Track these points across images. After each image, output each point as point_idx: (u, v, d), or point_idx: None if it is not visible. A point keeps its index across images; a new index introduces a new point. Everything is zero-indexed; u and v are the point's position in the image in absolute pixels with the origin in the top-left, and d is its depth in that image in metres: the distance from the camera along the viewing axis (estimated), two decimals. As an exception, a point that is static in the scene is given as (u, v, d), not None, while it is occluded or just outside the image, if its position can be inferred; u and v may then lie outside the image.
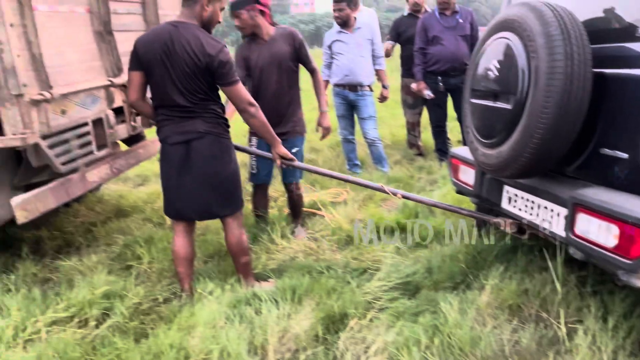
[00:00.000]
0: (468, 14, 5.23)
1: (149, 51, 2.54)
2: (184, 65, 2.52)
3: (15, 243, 3.69)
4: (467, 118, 2.76)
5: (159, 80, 2.58)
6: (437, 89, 5.22)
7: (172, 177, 2.73)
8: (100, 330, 2.45)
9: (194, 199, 2.74)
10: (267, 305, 2.62)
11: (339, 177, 3.26)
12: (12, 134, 2.44)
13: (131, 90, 2.67)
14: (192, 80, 2.57)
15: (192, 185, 2.71)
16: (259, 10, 3.36)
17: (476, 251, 3.05)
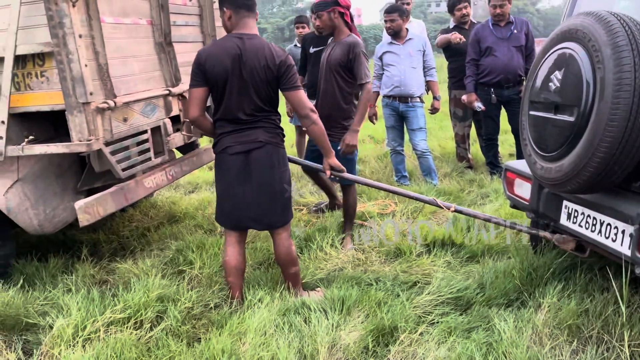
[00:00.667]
0: (524, 24, 5.11)
1: (218, 64, 2.57)
2: (255, 75, 2.61)
3: (74, 245, 3.85)
4: (525, 131, 2.69)
5: (227, 92, 2.63)
6: (489, 101, 5.12)
7: (231, 187, 2.75)
8: (155, 332, 2.50)
9: (254, 208, 2.77)
10: (316, 315, 2.62)
11: (390, 189, 3.25)
12: (79, 140, 2.55)
13: (193, 106, 2.66)
14: (263, 89, 2.66)
15: (252, 194, 2.74)
16: (339, 12, 3.47)
17: (532, 268, 2.95)
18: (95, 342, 2.37)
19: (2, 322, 2.60)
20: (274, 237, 2.92)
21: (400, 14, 4.94)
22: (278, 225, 2.87)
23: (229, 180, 2.75)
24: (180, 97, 3.34)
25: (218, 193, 2.85)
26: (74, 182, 3.11)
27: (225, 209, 2.82)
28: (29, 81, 2.58)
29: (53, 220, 2.99)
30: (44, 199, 2.93)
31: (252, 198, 2.75)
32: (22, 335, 2.60)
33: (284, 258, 2.91)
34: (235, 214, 2.80)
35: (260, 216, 2.80)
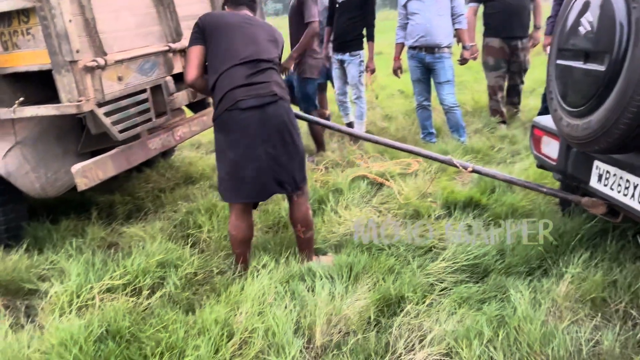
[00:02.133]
0: None
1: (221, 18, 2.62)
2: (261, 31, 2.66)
3: (90, 207, 3.83)
4: (551, 82, 2.40)
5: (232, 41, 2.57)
6: None
7: (251, 149, 2.50)
8: (152, 299, 2.44)
9: (282, 169, 2.57)
10: (321, 282, 2.49)
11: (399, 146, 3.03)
12: (68, 101, 2.44)
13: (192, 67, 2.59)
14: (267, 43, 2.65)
15: (276, 153, 2.55)
16: None
17: (557, 233, 2.71)
18: (91, 309, 2.33)
19: (6, 286, 2.60)
20: (293, 199, 2.73)
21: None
22: (302, 185, 2.70)
23: (248, 141, 2.49)
24: (182, 53, 3.17)
25: (231, 161, 2.52)
26: (76, 144, 3.03)
27: (246, 177, 2.52)
28: (16, 40, 2.46)
29: (56, 183, 2.94)
30: (44, 162, 2.87)
31: (277, 158, 2.54)
32: (25, 300, 2.60)
33: (301, 221, 2.75)
34: (259, 180, 2.54)
35: (288, 177, 2.60)
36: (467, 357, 1.96)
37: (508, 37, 5.08)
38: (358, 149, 4.84)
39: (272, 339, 2.09)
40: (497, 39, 5.12)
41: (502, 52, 5.15)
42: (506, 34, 5.08)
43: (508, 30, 5.06)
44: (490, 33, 5.17)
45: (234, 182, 2.56)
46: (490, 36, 5.17)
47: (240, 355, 2.04)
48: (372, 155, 4.63)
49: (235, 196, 2.59)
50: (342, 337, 2.20)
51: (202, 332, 2.12)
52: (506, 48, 5.13)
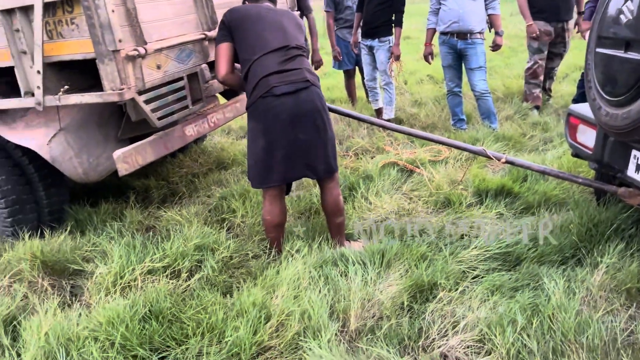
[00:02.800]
0: None
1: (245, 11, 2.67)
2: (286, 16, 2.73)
3: (127, 191, 3.95)
4: (590, 71, 2.37)
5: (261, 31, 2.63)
6: None
7: (284, 134, 2.56)
8: (191, 282, 2.53)
9: (312, 153, 2.63)
10: (353, 268, 2.54)
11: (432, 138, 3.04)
12: (111, 89, 2.51)
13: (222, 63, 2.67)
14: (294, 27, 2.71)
15: (308, 138, 2.60)
16: None
17: (592, 223, 2.70)
18: (134, 289, 2.43)
19: (51, 267, 2.72)
20: (324, 185, 2.79)
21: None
22: (333, 170, 2.76)
23: (281, 126, 2.55)
24: (218, 41, 3.21)
25: (263, 147, 2.58)
26: (116, 131, 3.12)
27: (276, 161, 2.58)
28: (61, 29, 2.54)
29: (97, 168, 3.04)
30: (87, 148, 2.96)
31: (309, 143, 2.60)
32: (70, 280, 2.72)
33: (332, 207, 2.81)
34: (290, 163, 2.60)
35: (319, 162, 2.65)
36: (501, 344, 1.99)
37: (554, 20, 4.98)
38: (387, 136, 4.84)
39: (308, 322, 2.16)
40: (542, 22, 5.00)
41: (547, 35, 5.04)
42: (552, 17, 4.97)
43: (554, 13, 4.95)
44: (535, 15, 5.04)
45: (264, 167, 2.62)
46: (535, 19, 5.05)
47: (277, 337, 2.11)
48: (401, 142, 4.64)
49: (265, 180, 2.65)
50: (375, 321, 2.25)
51: (240, 314, 2.20)
52: (551, 31, 5.02)
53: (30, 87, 2.69)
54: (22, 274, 2.64)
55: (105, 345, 2.02)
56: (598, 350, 1.91)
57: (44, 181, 3.13)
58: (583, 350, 1.91)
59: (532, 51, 5.21)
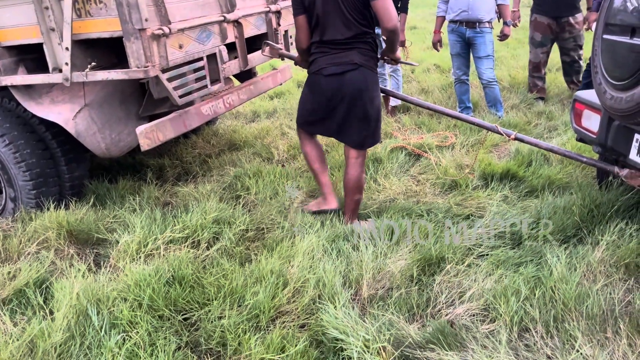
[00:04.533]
0: None
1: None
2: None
3: (142, 169, 4.08)
4: (596, 57, 2.47)
5: (321, 14, 2.75)
6: None
7: (322, 106, 2.92)
8: (210, 252, 2.65)
9: (341, 126, 2.92)
10: (364, 242, 2.66)
11: (447, 112, 3.17)
12: (136, 67, 2.62)
13: (302, 34, 2.86)
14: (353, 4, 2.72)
15: (343, 114, 2.88)
16: None
17: (594, 204, 2.81)
18: (156, 257, 2.56)
19: (76, 236, 2.85)
20: (349, 159, 2.98)
21: None
22: (363, 145, 2.95)
23: (321, 100, 2.91)
24: (235, 23, 3.32)
25: (307, 105, 3.01)
26: (137, 108, 3.24)
27: (312, 117, 3.01)
28: (89, 7, 2.64)
29: (119, 144, 3.16)
30: (109, 124, 3.08)
31: (342, 118, 2.89)
32: (93, 249, 2.85)
33: (353, 183, 2.98)
34: (322, 124, 3.01)
35: (347, 137, 2.94)
36: (505, 313, 2.11)
37: (552, 15, 5.05)
38: (396, 122, 4.95)
39: (322, 289, 2.28)
40: (544, 16, 5.09)
41: (550, 29, 5.11)
42: (551, 11, 5.05)
43: (553, 8, 5.02)
44: (538, 9, 5.14)
45: (303, 112, 3.07)
46: (538, 12, 5.14)
47: (294, 301, 2.23)
48: (409, 128, 4.74)
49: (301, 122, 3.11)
50: (386, 291, 2.37)
51: (259, 280, 2.32)
52: (554, 25, 5.09)
53: (58, 64, 2.80)
54: (49, 242, 2.77)
55: (134, 306, 2.15)
56: (597, 318, 2.03)
57: (66, 156, 3.26)
58: (582, 319, 2.03)
59: (534, 44, 5.29)
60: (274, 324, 2.15)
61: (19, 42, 2.88)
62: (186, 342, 2.09)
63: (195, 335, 2.11)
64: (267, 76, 4.22)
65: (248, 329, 2.08)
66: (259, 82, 4.10)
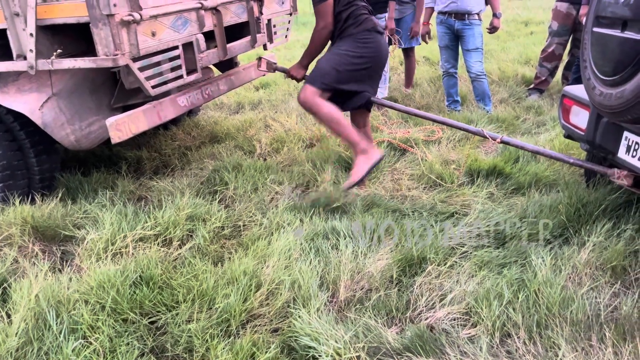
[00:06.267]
0: None
1: None
2: None
3: (119, 161, 3.94)
4: (586, 51, 2.37)
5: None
6: None
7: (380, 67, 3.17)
8: (182, 250, 2.54)
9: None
10: (344, 241, 2.56)
11: (429, 117, 3.07)
12: (104, 55, 2.49)
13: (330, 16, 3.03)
14: None
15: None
16: None
17: (581, 203, 2.73)
18: (124, 256, 2.44)
19: (42, 232, 2.72)
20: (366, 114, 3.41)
21: None
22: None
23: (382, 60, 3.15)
24: (214, 10, 3.18)
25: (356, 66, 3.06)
26: (109, 98, 3.10)
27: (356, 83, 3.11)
28: (55, -9, 2.50)
29: (89, 136, 3.02)
30: (79, 115, 2.94)
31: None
32: (60, 246, 2.72)
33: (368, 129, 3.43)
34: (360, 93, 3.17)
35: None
36: (487, 317, 2.02)
37: (577, 3, 4.82)
38: (382, 115, 4.84)
39: (297, 291, 2.18)
40: (566, 4, 4.91)
41: (568, 18, 4.94)
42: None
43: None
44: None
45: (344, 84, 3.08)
46: (559, 0, 4.98)
47: (267, 304, 2.13)
48: (396, 121, 4.64)
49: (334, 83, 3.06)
50: (364, 293, 2.27)
51: (231, 282, 2.21)
52: (574, 14, 4.91)
53: (22, 50, 2.65)
54: (12, 238, 2.63)
55: (96, 309, 2.03)
56: (581, 324, 1.95)
57: (35, 147, 3.11)
58: (567, 324, 1.95)
59: (551, 33, 5.11)
60: (245, 328, 2.05)
61: (-19, 28, 2.73)
62: (151, 347, 1.98)
63: (161, 341, 2.00)
64: (249, 66, 4.08)
65: (217, 334, 1.97)
66: (240, 72, 3.97)
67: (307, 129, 4.46)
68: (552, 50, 5.12)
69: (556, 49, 5.11)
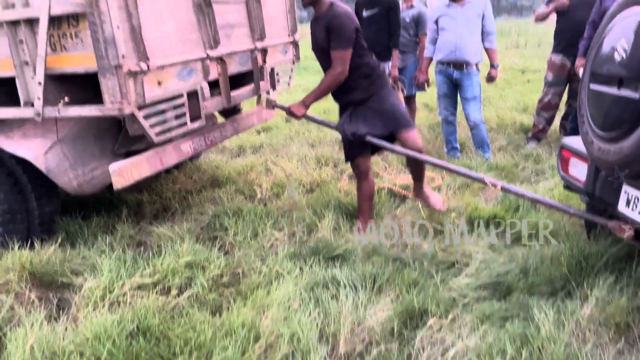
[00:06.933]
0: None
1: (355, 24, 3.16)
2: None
3: (119, 204, 3.94)
4: (583, 106, 2.42)
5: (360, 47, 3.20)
6: None
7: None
8: (181, 299, 2.51)
9: None
10: (345, 291, 2.54)
11: (434, 162, 3.09)
12: (111, 103, 2.53)
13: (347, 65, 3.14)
14: None
15: None
16: None
17: (582, 256, 2.72)
18: (122, 305, 2.41)
19: (40, 278, 2.70)
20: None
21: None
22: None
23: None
24: (219, 60, 3.25)
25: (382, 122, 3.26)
26: (113, 144, 3.13)
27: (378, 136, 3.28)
28: (65, 42, 2.56)
29: (92, 181, 3.03)
30: (82, 160, 2.97)
31: None
32: (57, 293, 2.69)
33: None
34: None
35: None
36: (490, 374, 1.99)
37: (571, 55, 4.94)
38: (382, 160, 4.88)
39: (297, 344, 2.14)
40: (560, 56, 5.03)
41: (563, 69, 5.05)
42: (568, 51, 4.96)
43: (570, 48, 4.91)
44: (555, 49, 5.11)
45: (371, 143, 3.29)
46: (554, 52, 5.12)
47: (266, 358, 2.09)
48: (395, 167, 4.67)
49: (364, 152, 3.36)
50: (365, 346, 2.24)
51: (229, 333, 2.18)
52: (568, 65, 5.02)
53: (30, 98, 2.70)
54: (10, 284, 2.60)
55: (91, 361, 1.99)
56: (586, 383, 1.91)
57: (37, 191, 3.12)
58: (571, 384, 1.91)
59: (546, 83, 5.23)
60: (243, 383, 2.00)
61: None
62: (146, 402, 1.93)
63: (156, 395, 1.96)
64: (252, 113, 4.14)
65: (214, 389, 1.93)
66: (243, 118, 4.02)
67: (307, 174, 4.49)
68: (549, 100, 5.21)
69: (552, 99, 5.20)
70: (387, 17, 5.01)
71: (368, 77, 3.25)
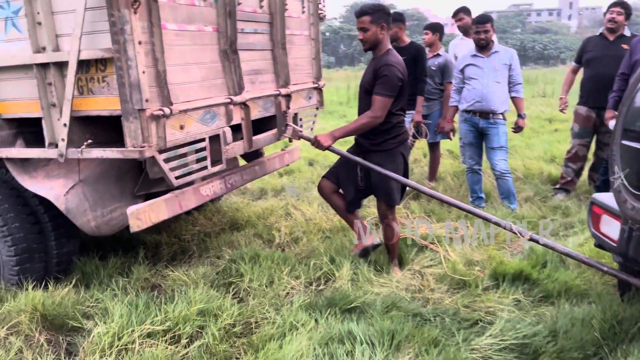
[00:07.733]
0: None
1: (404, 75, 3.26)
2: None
3: (137, 245, 3.92)
4: (615, 162, 2.32)
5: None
6: None
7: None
8: (190, 349, 2.43)
9: None
10: (361, 347, 2.42)
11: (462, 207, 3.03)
12: (132, 146, 2.54)
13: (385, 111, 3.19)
14: None
15: None
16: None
17: (616, 319, 2.56)
18: (131, 353, 2.34)
19: (51, 321, 2.66)
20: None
21: (492, 24, 4.61)
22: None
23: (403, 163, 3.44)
24: (242, 105, 3.27)
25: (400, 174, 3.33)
26: (133, 186, 3.14)
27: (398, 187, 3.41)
28: (92, 85, 2.61)
29: (110, 222, 3.03)
30: (102, 202, 2.97)
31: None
32: (67, 337, 2.63)
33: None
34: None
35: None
36: None
37: (595, 107, 4.87)
38: (404, 208, 4.79)
39: (308, 405, 2.03)
40: (585, 107, 4.97)
41: (589, 121, 4.97)
42: (593, 103, 4.90)
43: (595, 100, 4.85)
44: (580, 100, 5.05)
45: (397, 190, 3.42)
46: (579, 103, 5.06)
47: (275, 419, 1.98)
48: (417, 216, 4.57)
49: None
50: (380, 411, 2.11)
51: (238, 390, 2.08)
52: (593, 117, 4.93)
53: (54, 139, 2.73)
54: (20, 326, 2.57)
55: (93, 414, 1.91)
56: None
57: (57, 231, 3.12)
58: None
59: (572, 135, 5.17)
60: None
61: (19, 116, 2.85)
62: None
63: None
64: (274, 157, 4.14)
65: None
66: (265, 162, 4.02)
67: (327, 219, 4.42)
68: (576, 152, 5.12)
69: (579, 150, 5.10)
70: (413, 65, 5.03)
71: (389, 132, 3.28)
